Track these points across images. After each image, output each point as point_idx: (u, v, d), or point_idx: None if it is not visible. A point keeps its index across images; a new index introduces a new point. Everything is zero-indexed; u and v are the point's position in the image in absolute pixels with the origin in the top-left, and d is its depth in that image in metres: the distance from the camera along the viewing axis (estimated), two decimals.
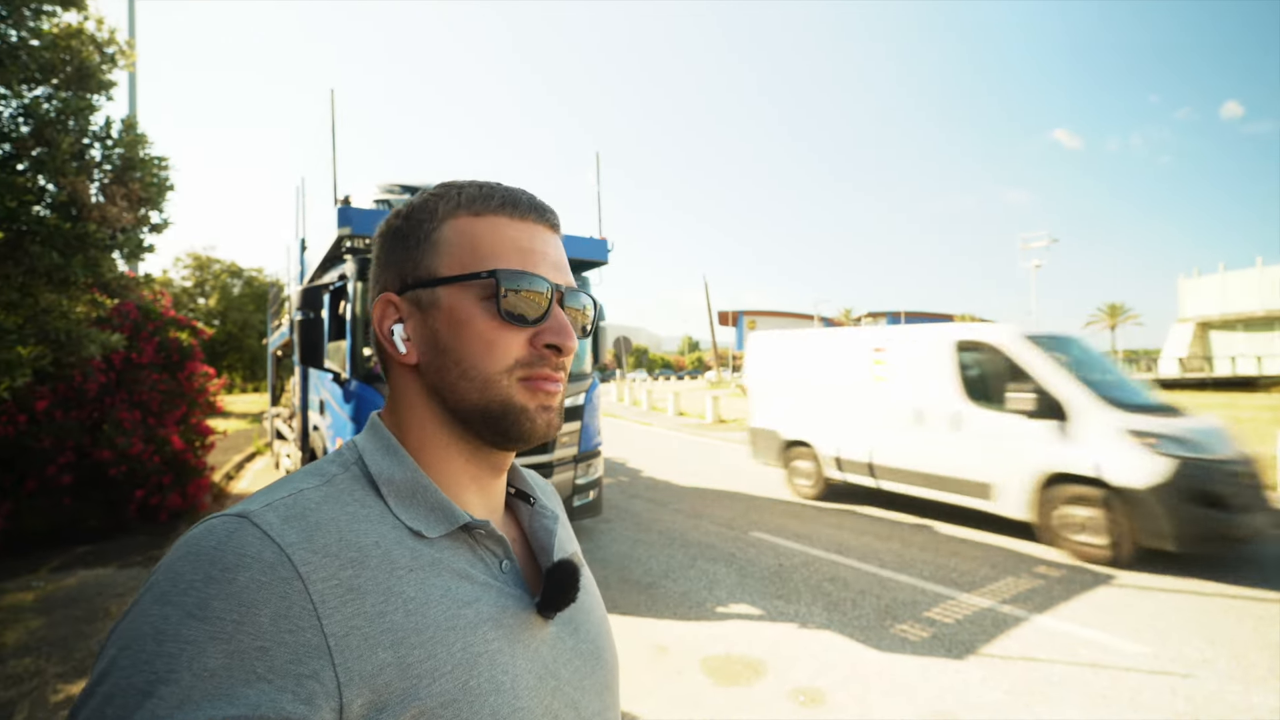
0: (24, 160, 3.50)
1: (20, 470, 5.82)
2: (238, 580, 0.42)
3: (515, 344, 0.55)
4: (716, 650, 3.72)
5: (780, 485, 8.35)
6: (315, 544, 0.46)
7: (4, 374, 3.08)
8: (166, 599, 0.41)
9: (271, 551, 0.44)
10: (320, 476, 0.52)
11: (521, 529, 0.65)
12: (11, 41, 3.44)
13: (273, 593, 0.42)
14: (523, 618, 0.54)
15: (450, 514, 0.54)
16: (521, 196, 0.58)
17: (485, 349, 0.54)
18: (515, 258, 0.55)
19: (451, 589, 0.51)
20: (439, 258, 0.56)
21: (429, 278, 0.56)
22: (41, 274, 3.27)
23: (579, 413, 5.91)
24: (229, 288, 27.74)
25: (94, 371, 6.07)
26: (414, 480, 0.54)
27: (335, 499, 0.50)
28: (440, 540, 0.53)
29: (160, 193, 3.68)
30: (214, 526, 0.45)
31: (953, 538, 5.98)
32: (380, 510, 0.52)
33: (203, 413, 7.60)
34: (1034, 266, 33.36)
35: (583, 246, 6.08)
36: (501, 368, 0.55)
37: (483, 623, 0.51)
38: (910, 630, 3.95)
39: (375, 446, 0.56)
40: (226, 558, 0.42)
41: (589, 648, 0.62)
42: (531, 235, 0.57)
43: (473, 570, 0.54)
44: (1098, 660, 3.50)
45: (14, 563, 5.35)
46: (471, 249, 0.55)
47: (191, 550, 0.43)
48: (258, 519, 0.45)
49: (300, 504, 0.48)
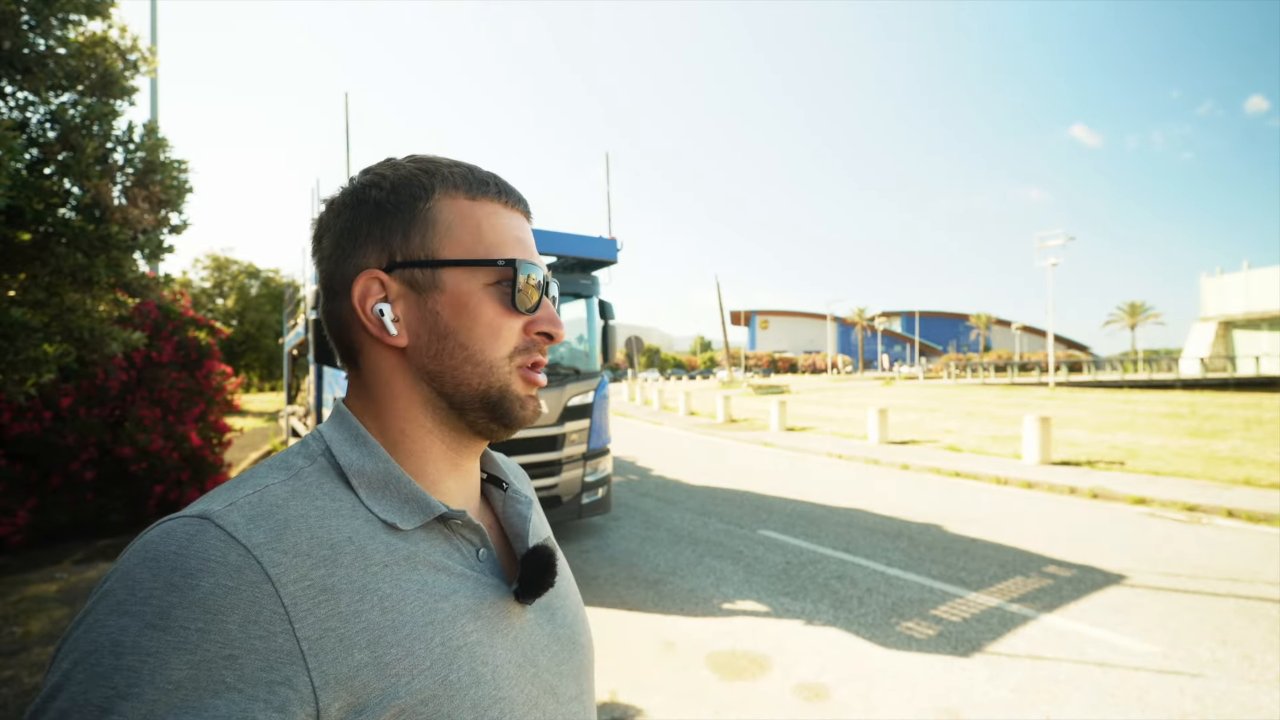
0: (51, 164, 3.61)
1: (45, 466, 5.98)
2: (201, 586, 0.39)
3: (515, 332, 0.56)
4: (722, 646, 3.75)
5: (791, 484, 8.35)
6: (285, 543, 0.44)
7: (31, 370, 3.19)
8: (124, 609, 0.38)
9: (237, 554, 0.41)
10: (286, 470, 0.50)
11: (495, 515, 0.64)
12: (40, 50, 3.56)
13: (240, 598, 0.40)
14: (501, 606, 0.54)
15: (425, 505, 0.52)
16: (503, 182, 0.58)
17: (492, 336, 0.54)
18: (514, 247, 0.56)
19: (428, 583, 0.50)
20: (439, 238, 0.54)
21: (428, 258, 0.54)
22: (66, 274, 3.38)
23: (587, 411, 5.96)
24: (246, 288, 28.16)
25: (116, 370, 6.23)
26: (386, 471, 0.52)
27: (303, 494, 0.48)
28: (415, 532, 0.52)
29: (180, 195, 3.78)
30: (173, 529, 0.42)
31: (962, 536, 5.95)
32: (351, 503, 0.50)
33: (220, 411, 7.76)
34: (1050, 265, 32.92)
35: (592, 246, 6.13)
36: (504, 354, 0.55)
37: (461, 615, 0.50)
38: (917, 628, 3.95)
39: (343, 436, 0.54)
40: (188, 563, 0.40)
41: (566, 633, 0.62)
42: (521, 224, 0.58)
43: (449, 561, 0.53)
44: (1106, 659, 3.48)
45: (39, 554, 5.51)
46: (475, 233, 0.55)
47: (150, 556, 0.40)
48: (221, 519, 0.43)
49: (266, 501, 0.46)
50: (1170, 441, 11.43)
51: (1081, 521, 6.50)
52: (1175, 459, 9.52)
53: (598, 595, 4.63)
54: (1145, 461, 9.38)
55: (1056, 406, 19.75)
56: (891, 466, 10.10)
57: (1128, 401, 21.94)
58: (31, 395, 3.48)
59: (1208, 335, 40.77)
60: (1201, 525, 6.27)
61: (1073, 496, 7.68)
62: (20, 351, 3.11)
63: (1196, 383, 32.82)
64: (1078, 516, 6.72)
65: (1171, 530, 6.12)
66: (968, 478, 8.96)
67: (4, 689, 3.17)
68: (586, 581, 4.92)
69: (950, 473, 9.23)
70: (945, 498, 7.74)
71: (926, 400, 23.89)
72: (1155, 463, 9.25)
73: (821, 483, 8.87)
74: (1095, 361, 48.03)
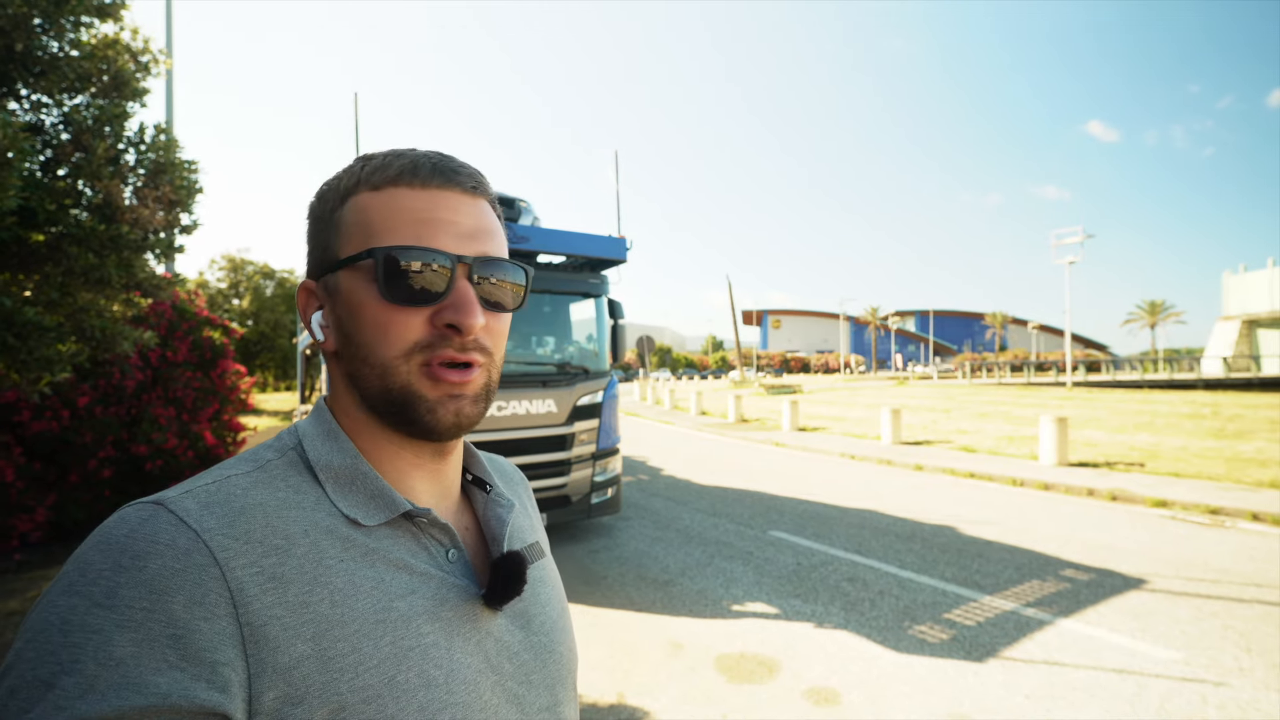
0: (64, 165, 3.65)
1: (64, 464, 6.08)
2: (148, 568, 0.40)
3: (413, 326, 0.51)
4: (731, 648, 3.71)
5: (802, 485, 8.28)
6: (236, 530, 0.44)
7: (45, 369, 3.23)
8: (74, 589, 0.39)
9: (186, 538, 0.42)
10: (252, 463, 0.51)
11: (476, 517, 0.62)
12: (53, 52, 3.60)
13: (187, 579, 0.41)
14: (465, 610, 0.53)
15: (390, 501, 0.52)
16: (425, 161, 0.53)
17: (380, 333, 0.51)
18: (409, 231, 0.51)
19: (385, 580, 0.49)
20: (339, 239, 0.53)
21: (332, 262, 0.53)
22: (79, 274, 3.42)
23: (597, 411, 5.94)
24: (262, 289, 28.50)
25: (132, 369, 6.31)
26: (353, 466, 0.52)
27: (265, 484, 0.49)
28: (379, 529, 0.51)
29: (190, 195, 3.81)
30: (126, 515, 0.43)
31: (977, 539, 5.86)
32: (316, 497, 0.50)
33: (234, 410, 7.85)
34: (1068, 263, 32.41)
35: (601, 245, 6.11)
36: (397, 352, 0.51)
37: (417, 615, 0.49)
38: (929, 632, 3.88)
39: (317, 431, 0.54)
40: (137, 545, 0.41)
41: (541, 641, 0.60)
42: (434, 204, 0.52)
43: (413, 560, 0.52)
44: (1125, 666, 3.40)
45: (58, 550, 5.60)
46: (365, 227, 0.52)
47: (102, 539, 0.42)
48: (173, 505, 0.44)
49: (224, 490, 0.47)
50: (1192, 443, 11.19)
51: (1100, 524, 6.37)
52: (1197, 460, 9.31)
53: (607, 596, 4.61)
54: (1166, 463, 9.19)
55: (1074, 407, 19.45)
56: (905, 467, 9.98)
57: (1148, 402, 21.55)
58: (46, 394, 3.53)
59: (1231, 334, 39.91)
60: (1225, 529, 6.12)
61: (1091, 498, 7.54)
62: (34, 351, 3.15)
63: (1219, 383, 32.14)
64: (1096, 519, 6.59)
65: (1193, 533, 5.97)
66: (983, 479, 8.83)
67: None
68: (596, 581, 4.90)
69: (965, 474, 9.10)
70: (959, 499, 7.63)
71: (941, 400, 23.63)
72: (1177, 464, 9.05)
73: (833, 484, 8.78)
74: (1114, 361, 47.20)
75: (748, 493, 8.20)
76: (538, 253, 5.76)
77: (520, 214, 5.92)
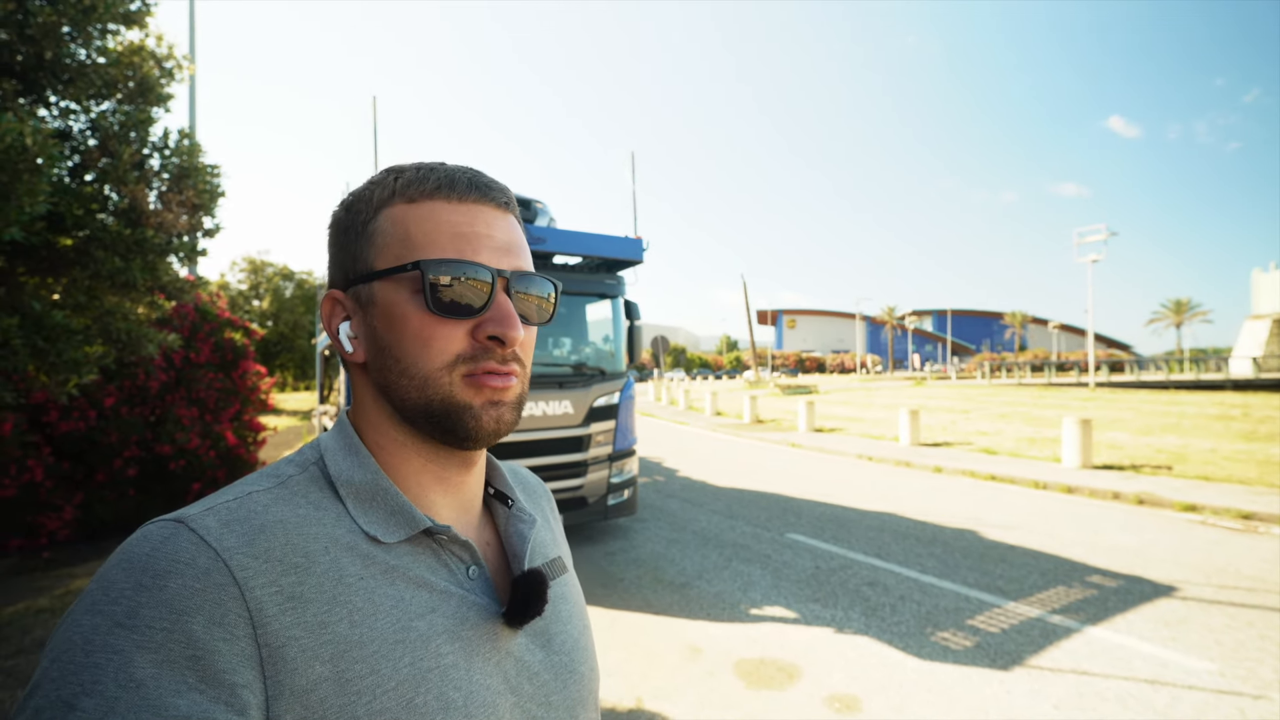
0: (91, 171, 3.72)
1: (90, 463, 6.20)
2: (169, 587, 0.40)
3: (455, 338, 0.52)
4: (750, 653, 3.68)
5: (819, 486, 8.20)
6: (256, 549, 0.44)
7: (72, 372, 3.29)
8: (96, 608, 0.40)
9: (206, 557, 0.42)
10: (274, 478, 0.50)
11: (498, 532, 0.62)
12: (80, 59, 3.66)
13: (206, 599, 0.41)
14: (485, 629, 0.52)
15: (410, 518, 0.51)
16: (460, 176, 0.54)
17: (422, 345, 0.51)
18: (450, 245, 0.52)
19: (405, 599, 0.49)
20: (374, 251, 0.53)
21: (366, 273, 0.53)
22: (105, 277, 3.48)
23: (614, 412, 5.93)
24: (281, 290, 28.89)
25: (156, 370, 6.42)
26: (374, 482, 0.52)
27: (286, 501, 0.49)
28: (399, 546, 0.51)
29: (212, 199, 3.86)
30: (149, 533, 0.43)
31: (999, 543, 5.76)
32: (336, 513, 0.50)
33: (255, 410, 7.95)
34: (1090, 261, 31.82)
35: (618, 246, 6.10)
36: (440, 364, 0.51)
37: (436, 635, 0.49)
38: (952, 638, 3.81)
39: (339, 446, 0.54)
40: (158, 564, 0.41)
41: (562, 660, 0.59)
42: (472, 218, 0.53)
43: (433, 578, 0.51)
44: (1157, 676, 3.31)
45: (84, 548, 5.71)
46: (403, 239, 0.52)
47: (124, 558, 0.42)
48: (195, 524, 0.44)
49: (246, 507, 0.47)
50: (1222, 445, 10.92)
51: (1126, 528, 6.23)
52: (1228, 464, 9.08)
53: (623, 598, 4.59)
54: (1195, 466, 8.97)
55: (1097, 408, 19.08)
56: (923, 469, 9.85)
57: (1174, 403, 21.07)
58: (74, 395, 3.59)
59: (1261, 333, 38.95)
60: (1258, 534, 5.95)
61: (1116, 502, 7.38)
62: (62, 354, 3.21)
63: (1249, 383, 31.33)
64: (1122, 523, 6.44)
65: (1224, 539, 5.82)
66: (1004, 481, 8.68)
67: None
68: (612, 584, 4.89)
69: (985, 476, 8.96)
70: (980, 502, 7.50)
71: (960, 401, 23.32)
72: (1206, 467, 8.83)
73: (851, 485, 8.69)
74: (1138, 361, 46.25)
75: (764, 494, 8.14)
76: (554, 253, 5.75)
77: (537, 215, 5.93)
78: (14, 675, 3.33)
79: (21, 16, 3.14)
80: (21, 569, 5.13)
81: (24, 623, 3.99)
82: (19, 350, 3.01)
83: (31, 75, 3.39)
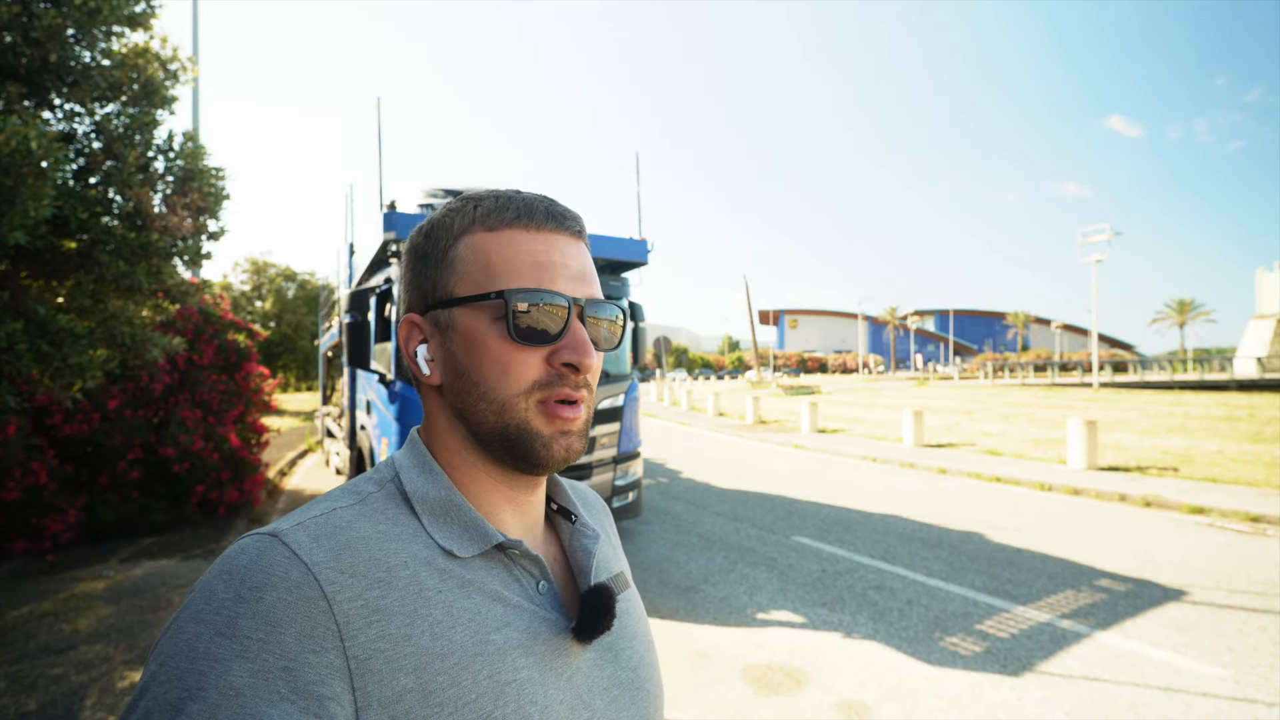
0: (96, 174, 3.70)
1: (94, 466, 6.19)
2: (265, 599, 0.42)
3: (532, 364, 0.53)
4: (758, 658, 3.65)
5: (824, 488, 8.17)
6: (342, 563, 0.46)
7: (77, 376, 3.27)
8: (200, 616, 0.42)
9: (298, 571, 0.44)
10: (355, 495, 0.52)
11: (562, 548, 0.63)
12: (85, 62, 3.65)
13: (298, 612, 0.42)
14: (556, 643, 0.53)
15: (483, 533, 0.53)
16: (538, 205, 0.55)
17: (501, 371, 0.53)
18: (529, 273, 0.53)
19: (481, 612, 0.50)
20: (455, 277, 0.54)
21: (446, 298, 0.55)
22: (110, 281, 3.47)
23: (618, 414, 5.90)
24: (284, 291, 28.92)
25: (159, 372, 6.41)
26: (448, 498, 0.53)
27: (368, 517, 0.50)
28: (473, 560, 0.52)
29: (217, 202, 3.84)
30: (246, 545, 0.45)
31: (1006, 546, 5.72)
32: (413, 529, 0.51)
33: (258, 411, 7.94)
34: (1094, 261, 31.72)
35: (622, 247, 6.07)
36: (518, 390, 0.53)
37: (512, 649, 0.50)
38: (961, 644, 3.78)
39: (412, 464, 0.56)
40: (255, 576, 0.43)
41: (629, 676, 0.59)
42: (549, 247, 0.54)
43: (506, 592, 0.52)
44: (1170, 683, 3.28)
45: (88, 550, 5.70)
46: (484, 267, 0.53)
47: (225, 569, 0.44)
48: (287, 538, 0.46)
49: (331, 523, 0.48)
50: (1229, 446, 10.87)
51: (1134, 531, 6.19)
52: (1235, 465, 9.03)
53: None
54: (1201, 468, 8.92)
55: (1101, 408, 19.01)
56: (928, 471, 9.81)
57: (1179, 403, 21.00)
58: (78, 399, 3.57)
59: (1265, 333, 38.81)
60: (1267, 537, 5.91)
61: (1123, 504, 7.34)
62: (67, 358, 3.19)
63: (1254, 384, 31.22)
64: (1129, 526, 6.40)
65: (1233, 542, 5.78)
66: (1009, 483, 8.64)
67: (54, 687, 3.25)
68: None
69: (990, 478, 8.92)
70: (986, 504, 7.47)
71: (963, 401, 23.26)
72: (1213, 469, 8.78)
73: (855, 487, 8.66)
74: (1142, 361, 46.10)
75: (768, 496, 8.11)
76: None
77: None
78: (18, 680, 3.31)
79: (26, 19, 3.13)
80: (25, 572, 5.12)
81: (28, 627, 3.98)
82: (23, 354, 3.00)
83: (36, 78, 3.37)
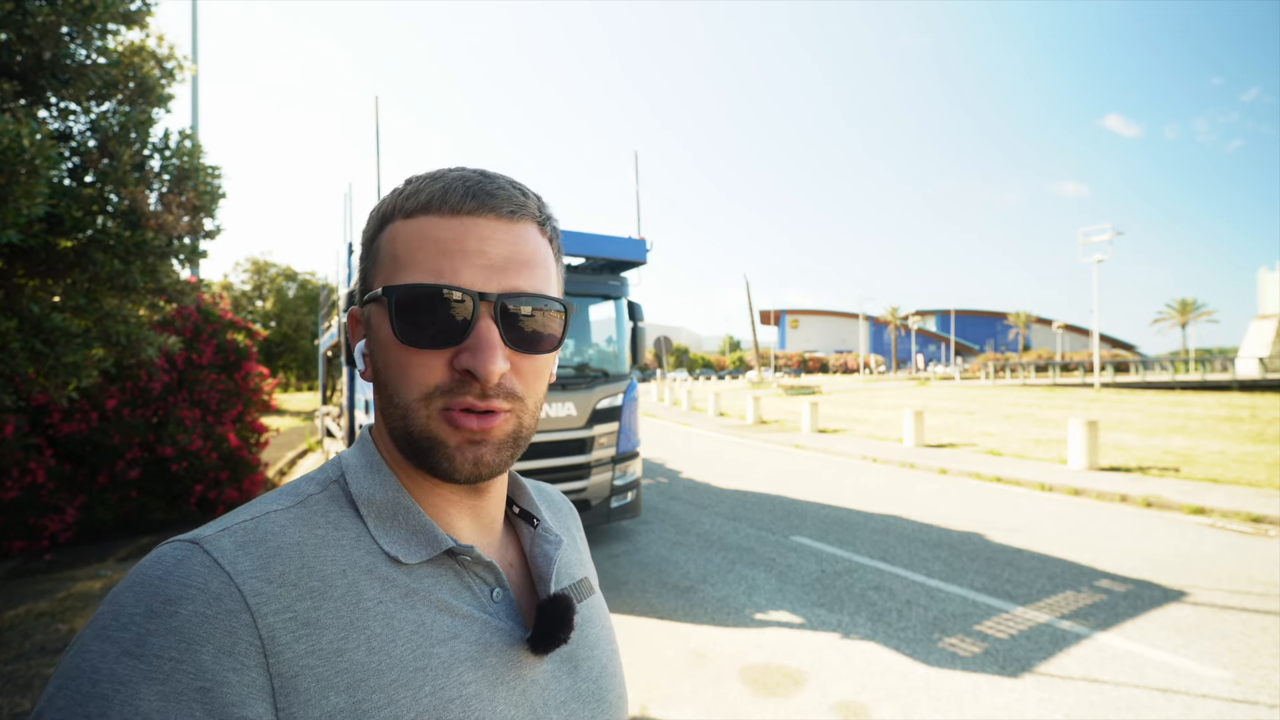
0: (91, 172, 3.69)
1: (93, 465, 6.19)
2: (180, 614, 0.38)
3: (433, 368, 0.47)
4: (756, 659, 3.63)
5: (824, 488, 8.15)
6: (270, 572, 0.42)
7: (71, 375, 3.26)
8: (106, 634, 0.38)
9: (219, 581, 0.40)
10: (293, 497, 0.48)
11: (523, 553, 0.59)
12: (80, 60, 3.63)
13: (216, 626, 0.39)
14: (509, 655, 0.50)
15: (432, 537, 0.49)
16: (458, 186, 0.48)
17: (401, 375, 0.48)
18: (429, 265, 0.47)
19: (426, 623, 0.46)
20: (375, 269, 0.51)
21: (365, 293, 0.52)
22: (105, 280, 3.45)
23: (616, 414, 5.88)
24: (284, 290, 28.92)
25: (158, 372, 6.40)
26: (395, 500, 0.50)
27: (305, 521, 0.46)
28: (421, 567, 0.48)
29: (213, 200, 3.83)
30: (163, 554, 0.42)
31: (1006, 546, 5.70)
32: (356, 533, 0.48)
33: (257, 411, 7.93)
34: (1096, 261, 31.65)
35: (621, 247, 6.06)
36: (417, 395, 0.47)
37: (459, 662, 0.46)
38: (961, 645, 3.76)
39: (361, 463, 0.52)
40: (170, 588, 0.39)
41: (589, 688, 0.56)
42: (463, 233, 0.48)
43: (455, 601, 0.49)
44: (1170, 685, 3.25)
45: (86, 549, 5.69)
46: (393, 259, 0.49)
47: (137, 580, 0.40)
48: (209, 545, 0.42)
49: (262, 528, 0.45)
50: (1230, 447, 10.83)
51: (1134, 532, 6.16)
52: (1237, 466, 8.99)
53: (627, 602, 4.55)
54: (1203, 468, 8.89)
55: (1103, 409, 18.97)
56: (928, 471, 9.78)
57: (1180, 404, 20.95)
58: (73, 399, 3.56)
59: (1267, 333, 38.72)
60: (1269, 538, 5.88)
61: (1124, 505, 7.31)
62: (61, 357, 3.18)
63: (1256, 384, 31.13)
64: (1130, 526, 6.38)
65: (1235, 543, 5.75)
66: (1009, 483, 8.61)
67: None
68: (616, 587, 4.85)
69: (991, 478, 8.89)
70: (986, 504, 7.44)
71: (964, 401, 23.22)
72: (1214, 469, 8.75)
73: (855, 487, 8.64)
74: (1143, 361, 46.01)
75: (768, 496, 8.09)
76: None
77: None
78: (13, 680, 3.30)
79: (20, 16, 3.12)
80: (23, 571, 5.11)
81: (24, 627, 3.97)
82: (18, 353, 2.99)
83: (30, 76, 3.36)
